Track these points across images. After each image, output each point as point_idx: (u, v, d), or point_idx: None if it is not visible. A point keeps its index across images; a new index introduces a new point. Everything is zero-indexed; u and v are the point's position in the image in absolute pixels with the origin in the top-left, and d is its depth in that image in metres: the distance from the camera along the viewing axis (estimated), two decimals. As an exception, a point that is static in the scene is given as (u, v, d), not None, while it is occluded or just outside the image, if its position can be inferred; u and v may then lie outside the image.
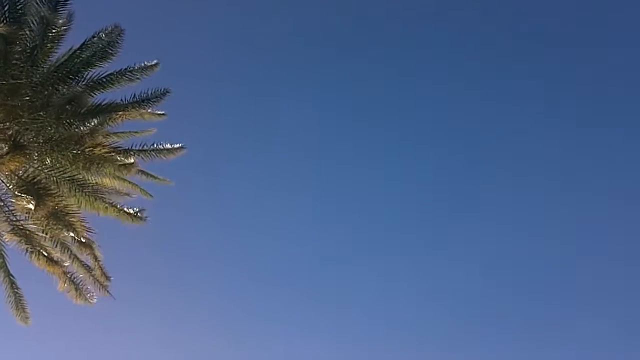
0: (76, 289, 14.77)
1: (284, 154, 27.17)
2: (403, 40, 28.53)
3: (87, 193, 13.95)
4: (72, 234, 13.87)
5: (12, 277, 14.91)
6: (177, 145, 15.04)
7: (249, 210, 27.14)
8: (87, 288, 14.96)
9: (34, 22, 13.17)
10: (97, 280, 15.03)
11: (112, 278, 15.27)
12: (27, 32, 13.25)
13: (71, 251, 14.46)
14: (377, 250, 27.88)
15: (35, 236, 14.11)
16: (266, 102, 26.81)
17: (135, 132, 15.33)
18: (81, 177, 13.93)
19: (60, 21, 13.53)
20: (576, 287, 27.03)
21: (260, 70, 27.26)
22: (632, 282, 26.13)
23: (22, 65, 13.24)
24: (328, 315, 27.18)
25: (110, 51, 13.95)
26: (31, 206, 12.55)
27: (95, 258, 14.52)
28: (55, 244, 14.24)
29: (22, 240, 13.98)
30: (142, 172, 15.24)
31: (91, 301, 15.05)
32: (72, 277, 14.72)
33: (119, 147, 14.04)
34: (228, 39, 27.82)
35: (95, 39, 14.00)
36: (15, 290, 14.98)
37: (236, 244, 27.41)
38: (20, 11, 13.04)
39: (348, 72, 28.28)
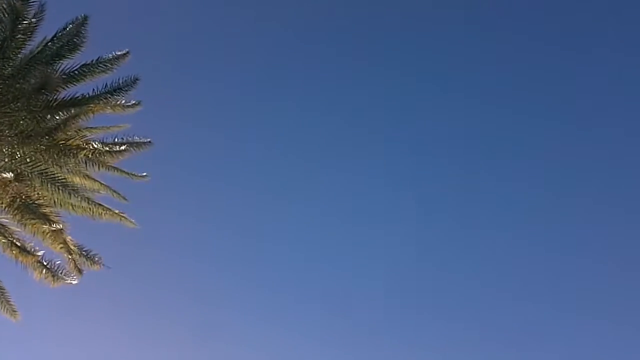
0: (53, 275, 14.40)
1: (267, 152, 27.00)
2: (395, 41, 28.25)
3: (59, 187, 13.76)
4: (45, 225, 13.68)
5: None
6: (146, 140, 14.82)
7: (230, 207, 27.01)
8: (65, 270, 14.57)
9: (4, 14, 13.17)
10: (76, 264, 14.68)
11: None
12: (-2, 24, 13.30)
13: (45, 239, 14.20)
14: (365, 251, 27.62)
15: (7, 228, 14.09)
16: (248, 98, 26.70)
17: (108, 127, 15.12)
18: (53, 171, 13.78)
19: (32, 13, 13.52)
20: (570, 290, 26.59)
21: (242, 66, 27.16)
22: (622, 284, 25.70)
23: (-8, 57, 13.28)
24: (313, 316, 26.97)
25: (77, 42, 13.96)
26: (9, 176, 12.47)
27: (69, 250, 14.31)
28: (33, 233, 13.97)
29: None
30: (116, 168, 15.07)
31: (72, 281, 14.58)
32: (48, 264, 14.38)
33: (90, 140, 14.01)
34: (210, 34, 27.75)
35: (66, 30, 13.99)
36: None
37: (218, 242, 27.25)
38: (-12, 2, 13.08)
39: (334, 70, 28.14)
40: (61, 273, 14.39)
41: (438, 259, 27.34)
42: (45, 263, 14.30)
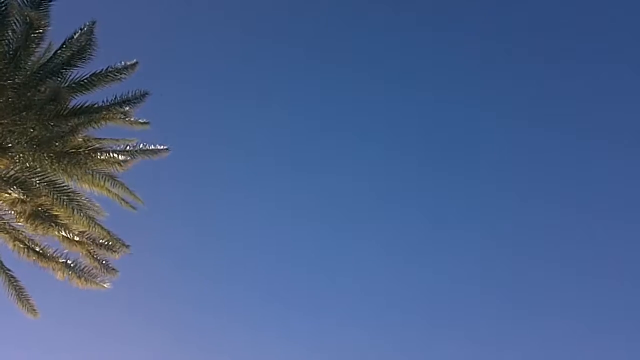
0: (79, 276, 14.53)
1: (267, 157, 27.30)
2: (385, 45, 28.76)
3: (65, 201, 13.52)
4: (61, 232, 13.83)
5: (8, 272, 14.83)
6: (162, 147, 15.04)
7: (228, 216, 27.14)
8: (93, 272, 14.72)
9: (17, 23, 13.19)
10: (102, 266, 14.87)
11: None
12: (10, 34, 13.30)
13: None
14: (356, 254, 28.00)
15: (22, 233, 14.19)
16: (252, 107, 26.93)
17: (117, 139, 15.16)
18: (61, 181, 13.77)
19: (43, 21, 13.55)
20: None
21: (244, 70, 27.33)
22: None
23: (5, 67, 13.25)
24: (303, 319, 27.21)
25: (89, 51, 14.05)
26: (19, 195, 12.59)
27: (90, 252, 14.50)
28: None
29: (10, 238, 14.08)
30: (121, 184, 15.26)
31: (103, 285, 14.82)
32: (74, 265, 14.53)
33: (102, 148, 14.17)
34: (214, 43, 27.96)
35: (74, 37, 14.14)
36: (15, 283, 14.84)
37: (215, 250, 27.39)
38: (3, 12, 13.06)
39: (334, 76, 28.58)
40: (88, 272, 14.54)
41: (413, 263, 27.87)
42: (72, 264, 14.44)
